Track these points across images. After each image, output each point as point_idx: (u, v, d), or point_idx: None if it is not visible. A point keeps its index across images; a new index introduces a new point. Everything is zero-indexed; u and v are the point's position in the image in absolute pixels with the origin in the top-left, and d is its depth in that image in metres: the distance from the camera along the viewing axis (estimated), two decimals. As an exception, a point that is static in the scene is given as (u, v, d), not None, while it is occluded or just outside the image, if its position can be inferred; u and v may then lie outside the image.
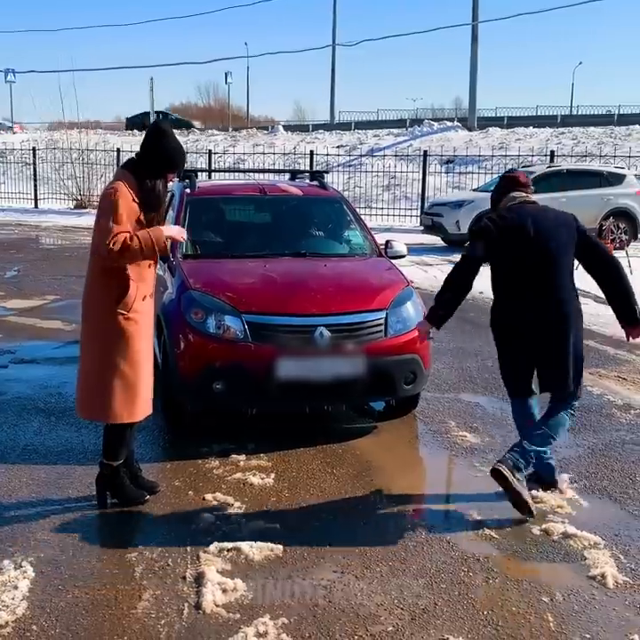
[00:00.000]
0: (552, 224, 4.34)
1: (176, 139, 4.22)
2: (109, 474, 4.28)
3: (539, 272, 4.30)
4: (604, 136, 27.67)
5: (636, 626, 3.25)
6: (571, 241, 4.35)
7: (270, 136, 34.63)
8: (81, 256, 15.09)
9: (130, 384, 4.06)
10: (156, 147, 4.09)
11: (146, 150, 4.10)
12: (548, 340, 4.31)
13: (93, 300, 4.10)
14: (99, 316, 4.06)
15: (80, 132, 27.24)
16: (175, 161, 4.15)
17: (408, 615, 3.30)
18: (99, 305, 4.06)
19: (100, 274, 4.08)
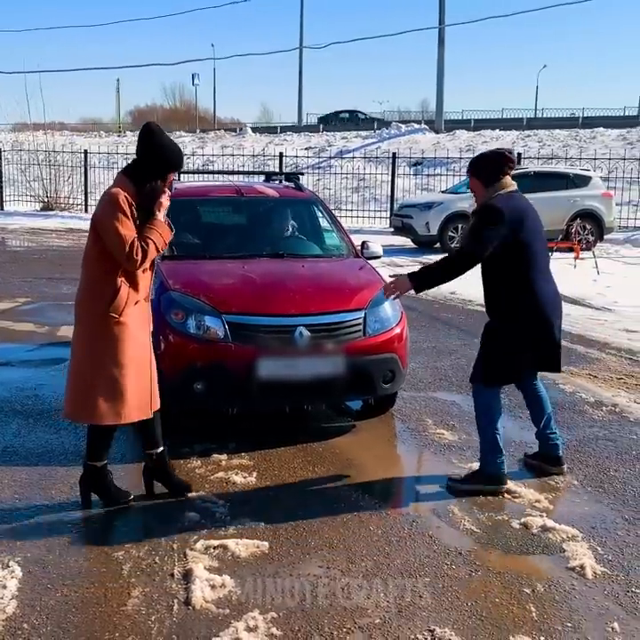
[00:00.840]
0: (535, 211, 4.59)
1: (169, 137, 4.20)
2: (94, 475, 4.29)
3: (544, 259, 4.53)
4: (569, 138, 28.12)
5: (616, 614, 3.34)
6: None
7: (239, 138, 34.63)
8: (50, 258, 15.03)
9: (116, 387, 4.06)
10: (152, 147, 4.03)
11: (143, 153, 4.05)
12: (558, 321, 4.54)
13: (86, 303, 4.10)
14: (91, 319, 4.07)
15: (46, 133, 27.03)
16: (175, 160, 4.10)
17: (394, 608, 3.36)
18: (91, 308, 4.06)
19: (93, 277, 4.08)
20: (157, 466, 4.42)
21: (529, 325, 4.44)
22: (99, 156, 25.78)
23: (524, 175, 16.96)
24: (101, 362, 4.05)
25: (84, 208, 24.42)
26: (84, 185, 24.50)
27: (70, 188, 24.66)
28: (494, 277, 4.51)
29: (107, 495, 4.31)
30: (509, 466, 4.91)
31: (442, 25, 32.56)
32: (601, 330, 9.03)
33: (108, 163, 25.91)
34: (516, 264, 4.39)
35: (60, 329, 8.86)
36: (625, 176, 20.13)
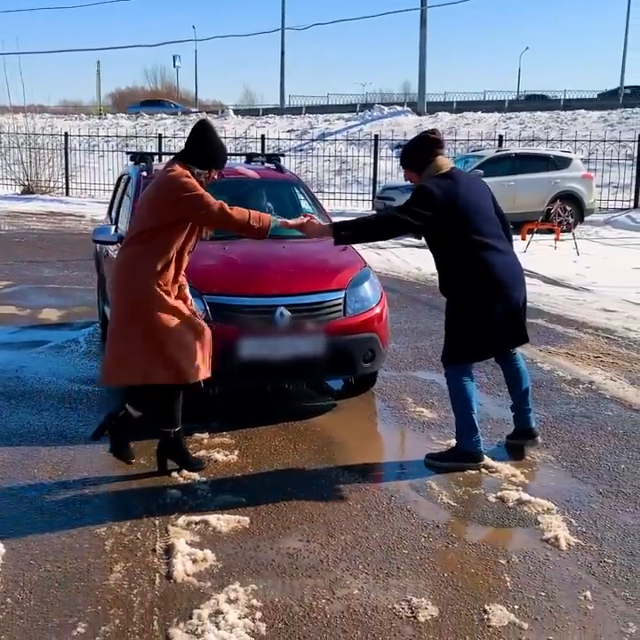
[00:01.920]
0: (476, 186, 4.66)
1: (218, 136, 4.40)
2: (169, 441, 4.46)
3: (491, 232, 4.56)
4: (550, 121, 28.21)
5: (588, 583, 3.43)
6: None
7: (220, 120, 34.46)
8: (31, 241, 14.98)
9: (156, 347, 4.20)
10: (205, 142, 4.27)
11: (195, 145, 4.25)
12: (516, 291, 4.59)
13: (132, 274, 4.22)
14: (133, 289, 4.21)
15: (26, 116, 26.78)
16: (221, 158, 4.35)
17: (372, 579, 3.43)
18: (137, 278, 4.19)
19: (143, 249, 4.20)
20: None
21: (480, 298, 4.47)
22: (79, 139, 25.61)
23: (506, 157, 17.07)
24: (140, 325, 4.20)
25: (64, 191, 24.28)
26: (64, 168, 24.34)
27: (51, 171, 24.48)
28: (440, 257, 4.59)
29: (182, 460, 4.49)
30: (487, 442, 5.00)
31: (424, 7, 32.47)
32: (579, 310, 9.13)
33: (88, 145, 25.82)
34: (456, 241, 4.46)
35: (42, 311, 8.88)
36: (605, 158, 20.24)
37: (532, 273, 11.69)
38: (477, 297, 4.48)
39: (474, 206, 4.50)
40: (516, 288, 4.56)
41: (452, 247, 4.50)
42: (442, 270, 4.62)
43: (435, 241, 4.57)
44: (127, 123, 35.82)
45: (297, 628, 3.08)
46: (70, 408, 5.57)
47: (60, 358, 6.90)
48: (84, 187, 24.46)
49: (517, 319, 4.61)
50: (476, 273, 4.46)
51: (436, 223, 4.41)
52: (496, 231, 4.61)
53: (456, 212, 4.41)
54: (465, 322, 4.54)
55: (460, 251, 4.47)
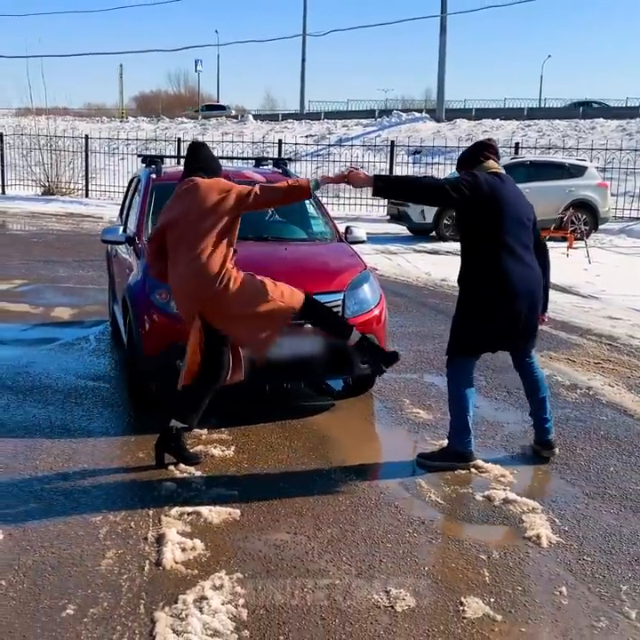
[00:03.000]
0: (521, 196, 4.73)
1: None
2: (170, 436, 4.63)
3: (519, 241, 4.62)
4: (568, 129, 28.19)
5: (565, 580, 3.52)
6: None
7: (240, 125, 34.73)
8: (48, 241, 15.20)
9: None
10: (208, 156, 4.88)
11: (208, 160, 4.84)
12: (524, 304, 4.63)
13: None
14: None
15: (48, 118, 27.15)
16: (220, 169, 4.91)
17: (355, 571, 3.54)
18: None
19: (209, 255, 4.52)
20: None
21: (487, 298, 4.56)
22: (99, 142, 25.90)
23: (521, 164, 17.09)
24: None
25: (84, 193, 24.57)
26: (84, 170, 24.62)
27: (71, 172, 24.79)
28: (466, 248, 4.68)
29: (180, 455, 4.66)
30: (480, 444, 5.10)
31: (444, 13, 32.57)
32: (585, 317, 9.18)
33: (109, 148, 26.09)
34: (486, 235, 4.55)
35: (55, 310, 9.04)
36: (622, 167, 20.23)
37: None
38: (484, 295, 4.57)
39: (512, 210, 4.58)
40: (524, 302, 4.60)
41: (479, 240, 4.59)
42: (463, 261, 4.72)
43: (466, 230, 4.66)
44: (148, 126, 36.16)
45: (277, 614, 3.19)
46: (75, 403, 5.72)
47: (69, 355, 7.06)
48: (103, 189, 24.73)
49: (517, 329, 4.65)
50: (492, 272, 4.55)
51: (472, 206, 4.49)
52: (526, 242, 4.67)
53: (494, 205, 4.51)
54: (466, 315, 4.66)
55: (486, 246, 4.57)
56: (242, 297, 4.53)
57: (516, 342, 4.77)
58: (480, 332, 4.64)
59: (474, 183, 4.48)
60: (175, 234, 4.60)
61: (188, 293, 4.59)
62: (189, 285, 4.55)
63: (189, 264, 4.52)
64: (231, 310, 4.52)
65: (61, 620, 3.13)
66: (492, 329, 4.62)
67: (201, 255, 4.49)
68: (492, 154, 4.73)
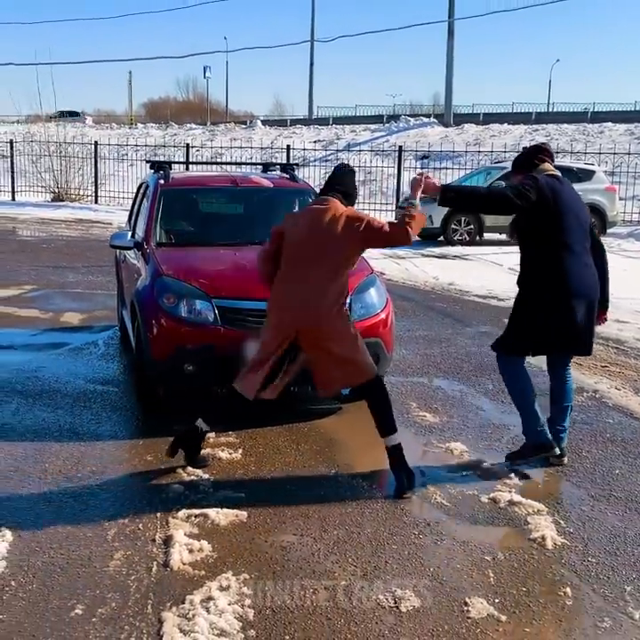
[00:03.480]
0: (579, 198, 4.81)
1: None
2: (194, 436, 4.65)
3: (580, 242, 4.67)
4: (576, 133, 28.17)
5: (569, 580, 3.54)
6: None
7: (248, 130, 34.83)
8: (58, 247, 15.29)
9: None
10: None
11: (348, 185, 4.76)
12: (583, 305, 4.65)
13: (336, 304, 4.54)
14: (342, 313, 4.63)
15: (58, 124, 27.30)
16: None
17: (360, 572, 3.57)
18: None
19: (341, 280, 4.56)
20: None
21: (545, 298, 4.58)
22: (109, 148, 26.02)
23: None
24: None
25: (93, 199, 24.70)
26: (94, 176, 24.75)
27: (81, 179, 24.92)
28: (525, 250, 4.74)
29: (191, 457, 4.68)
30: (486, 446, 5.13)
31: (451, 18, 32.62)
32: (592, 320, 9.17)
33: (118, 154, 26.20)
34: (545, 236, 4.60)
35: (64, 315, 9.11)
36: (630, 171, 20.20)
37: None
38: (542, 295, 4.60)
39: (572, 211, 4.65)
40: (582, 302, 4.62)
41: (540, 242, 4.63)
42: (523, 263, 4.76)
43: (527, 233, 4.70)
44: (157, 132, 36.31)
45: (283, 614, 3.23)
46: (84, 407, 5.77)
47: (78, 360, 7.11)
48: (112, 195, 24.85)
49: (576, 331, 4.64)
50: (553, 274, 4.58)
51: (534, 209, 4.53)
52: (584, 243, 4.72)
53: (556, 208, 4.55)
54: (523, 316, 4.69)
55: (547, 248, 4.60)
56: (343, 336, 4.53)
57: (569, 345, 4.74)
58: (537, 333, 4.65)
59: (536, 187, 4.52)
60: (298, 249, 4.53)
61: (295, 308, 4.47)
62: (303, 302, 4.44)
63: (309, 283, 4.44)
64: (329, 343, 4.47)
65: (70, 619, 3.17)
66: (549, 331, 4.63)
67: (325, 278, 4.46)
68: (547, 157, 4.79)
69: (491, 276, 12.42)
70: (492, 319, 9.11)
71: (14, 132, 29.77)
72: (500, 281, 11.97)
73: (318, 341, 4.47)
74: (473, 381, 6.63)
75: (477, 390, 6.40)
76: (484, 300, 10.51)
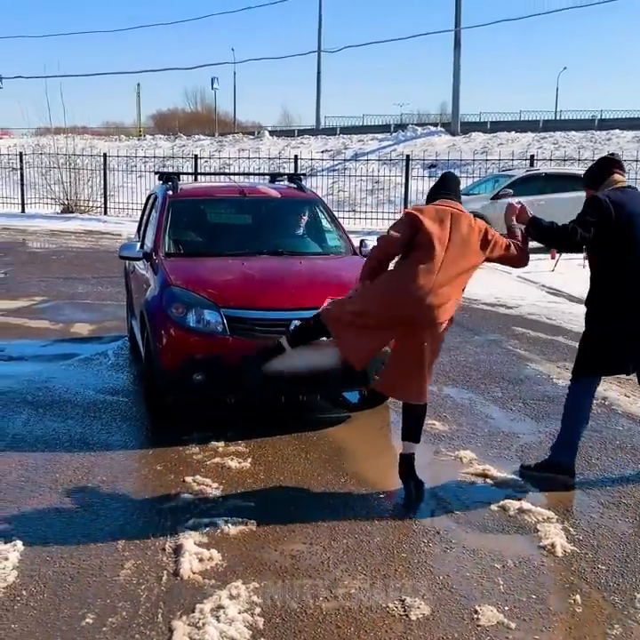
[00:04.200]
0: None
1: None
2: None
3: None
4: (584, 140, 28.14)
5: (579, 588, 3.54)
6: None
7: (256, 141, 34.95)
8: (68, 259, 15.36)
9: None
10: None
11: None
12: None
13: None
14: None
15: (67, 137, 27.46)
16: None
17: (370, 580, 3.58)
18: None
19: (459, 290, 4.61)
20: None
21: (616, 315, 4.53)
22: (118, 160, 26.16)
23: (536, 176, 17.14)
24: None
25: (103, 210, 24.81)
26: (103, 188, 24.88)
27: (90, 190, 25.05)
28: (595, 268, 4.66)
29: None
30: (496, 454, 5.14)
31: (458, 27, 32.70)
32: (601, 327, 9.16)
33: (127, 166, 26.32)
34: (614, 252, 4.53)
35: (74, 326, 9.15)
36: (638, 177, 20.14)
37: (558, 291, 11.77)
38: (614, 313, 4.54)
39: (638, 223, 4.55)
40: None
41: (607, 257, 4.56)
42: (592, 281, 4.70)
43: (596, 249, 4.62)
44: (165, 144, 36.48)
45: (293, 623, 3.23)
46: (94, 417, 5.80)
47: (88, 370, 7.14)
48: (122, 206, 24.96)
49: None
50: (621, 289, 4.52)
51: (599, 229, 4.48)
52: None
53: (620, 220, 4.48)
54: (596, 335, 4.63)
55: (614, 262, 4.54)
56: (438, 347, 4.65)
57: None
58: (609, 352, 4.61)
59: (597, 207, 4.46)
60: (437, 247, 4.50)
61: (417, 302, 4.44)
62: (427, 299, 4.42)
63: (439, 283, 4.44)
64: (427, 347, 4.52)
65: (81, 628, 3.19)
66: (622, 349, 4.59)
67: (452, 283, 4.48)
68: (618, 168, 4.77)
69: (499, 284, 12.40)
70: (500, 327, 9.11)
71: (24, 145, 29.97)
72: (509, 289, 11.99)
73: (419, 342, 4.51)
74: (482, 389, 6.63)
75: (486, 398, 6.39)
76: (492, 307, 10.51)
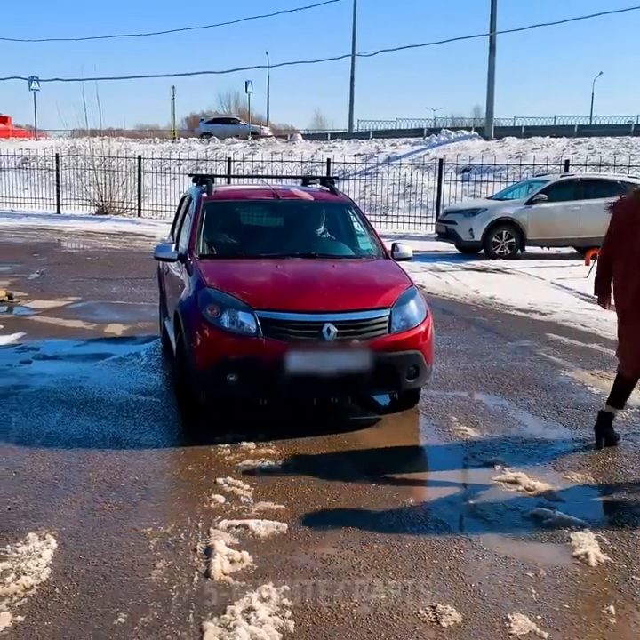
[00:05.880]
0: None
1: None
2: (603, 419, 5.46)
3: None
4: (620, 146, 27.83)
5: (613, 599, 3.49)
6: None
7: (289, 144, 35.02)
8: (102, 260, 15.50)
9: None
10: None
11: None
12: None
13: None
14: None
15: (102, 139, 27.73)
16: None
17: (401, 586, 3.56)
18: None
19: None
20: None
21: None
22: (152, 162, 26.37)
23: (571, 182, 16.97)
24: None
25: (137, 212, 25.01)
26: (137, 190, 25.09)
27: (124, 192, 25.27)
28: None
29: (605, 434, 5.41)
30: (528, 461, 5.08)
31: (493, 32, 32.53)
32: (637, 335, 9.04)
33: (161, 168, 26.51)
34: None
35: (108, 326, 9.23)
36: (675, 183, 19.87)
37: (592, 298, 11.60)
38: None
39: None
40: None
41: None
42: None
43: None
44: (199, 146, 36.66)
45: (324, 627, 3.23)
46: (127, 417, 5.84)
47: (121, 370, 7.20)
48: (155, 208, 25.13)
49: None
50: None
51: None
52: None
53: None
54: None
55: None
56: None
57: None
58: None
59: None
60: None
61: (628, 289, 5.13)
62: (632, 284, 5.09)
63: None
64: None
65: (113, 627, 3.21)
66: None
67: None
68: None
69: (533, 290, 12.32)
70: (533, 333, 9.03)
71: (60, 147, 30.29)
72: (543, 295, 11.88)
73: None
74: (515, 396, 6.57)
75: (519, 405, 6.34)
76: (525, 314, 10.42)
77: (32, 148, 31.92)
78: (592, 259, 14.40)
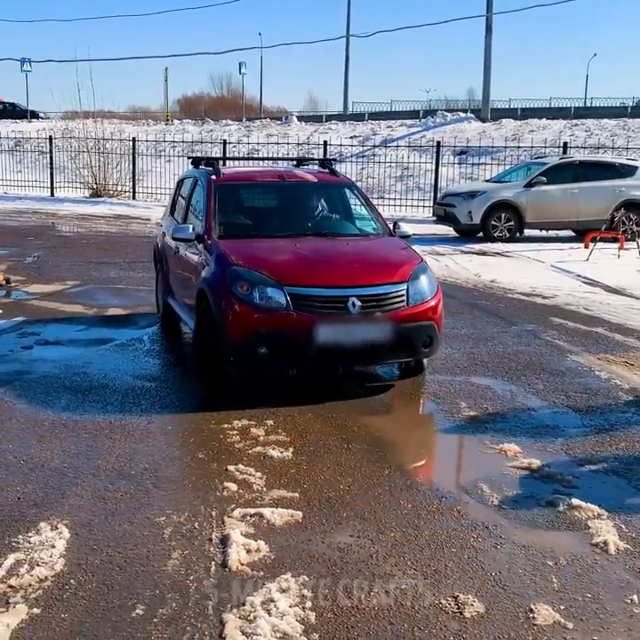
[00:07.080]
0: None
1: None
2: None
3: None
4: (617, 128, 27.75)
5: (635, 587, 3.45)
6: None
7: (284, 126, 34.80)
8: (99, 244, 15.38)
9: None
10: None
11: None
12: None
13: None
14: None
15: (95, 121, 27.48)
16: None
17: (421, 575, 3.52)
18: None
19: None
20: None
21: None
22: (146, 144, 26.15)
23: (570, 164, 16.88)
24: None
25: (131, 195, 24.83)
26: (131, 172, 24.89)
27: (118, 175, 25.08)
28: None
29: None
30: (540, 448, 5.04)
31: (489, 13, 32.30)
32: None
33: (155, 150, 26.29)
34: None
35: (108, 310, 9.16)
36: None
37: (593, 281, 11.60)
38: None
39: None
40: None
41: None
42: None
43: None
44: (193, 128, 36.39)
45: (345, 618, 3.18)
46: (133, 403, 5.78)
47: (124, 355, 7.13)
48: (150, 191, 24.93)
49: None
50: None
51: None
52: None
53: None
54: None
55: None
56: None
57: None
58: None
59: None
60: None
61: None
62: None
63: None
64: None
65: (132, 619, 3.15)
66: None
67: None
68: None
69: (533, 274, 12.27)
70: (537, 317, 8.98)
71: (53, 129, 30.02)
72: (543, 278, 11.83)
73: None
74: (523, 381, 6.53)
75: (527, 390, 6.29)
76: (528, 297, 10.37)
77: (25, 130, 31.62)
78: (591, 241, 14.39)
